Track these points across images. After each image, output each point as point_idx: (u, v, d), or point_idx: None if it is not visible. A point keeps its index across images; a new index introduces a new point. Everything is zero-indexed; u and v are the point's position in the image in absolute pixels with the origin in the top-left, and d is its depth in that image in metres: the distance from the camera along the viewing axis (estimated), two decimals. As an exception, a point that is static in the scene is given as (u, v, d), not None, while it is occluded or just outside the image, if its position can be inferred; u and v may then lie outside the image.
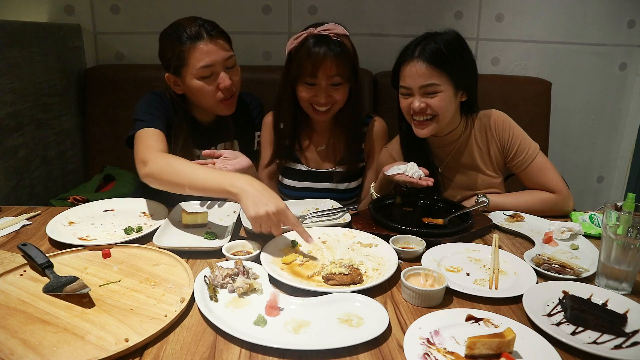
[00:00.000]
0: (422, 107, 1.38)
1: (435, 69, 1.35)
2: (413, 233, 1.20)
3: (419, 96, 1.38)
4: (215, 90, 1.45)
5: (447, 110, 1.40)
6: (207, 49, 1.41)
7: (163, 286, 0.98)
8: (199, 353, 0.80)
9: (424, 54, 1.35)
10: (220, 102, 1.48)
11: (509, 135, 1.49)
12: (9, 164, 1.73)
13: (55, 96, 2.01)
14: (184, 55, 1.41)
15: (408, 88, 1.39)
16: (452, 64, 1.36)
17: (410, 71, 1.37)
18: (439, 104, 1.37)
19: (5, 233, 1.25)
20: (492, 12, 2.31)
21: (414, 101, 1.39)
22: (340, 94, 1.48)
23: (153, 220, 1.32)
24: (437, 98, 1.37)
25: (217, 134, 1.62)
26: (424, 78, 1.35)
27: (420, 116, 1.41)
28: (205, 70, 1.42)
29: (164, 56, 1.47)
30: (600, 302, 0.94)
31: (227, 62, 1.45)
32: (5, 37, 1.70)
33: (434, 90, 1.36)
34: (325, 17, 1.50)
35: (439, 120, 1.40)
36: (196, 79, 1.43)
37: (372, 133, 1.65)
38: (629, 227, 0.97)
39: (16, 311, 0.89)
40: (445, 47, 1.35)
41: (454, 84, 1.38)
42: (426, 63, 1.34)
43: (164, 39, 1.47)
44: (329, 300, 0.93)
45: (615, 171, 2.63)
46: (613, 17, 2.34)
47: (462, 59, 1.39)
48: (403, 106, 1.44)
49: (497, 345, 0.77)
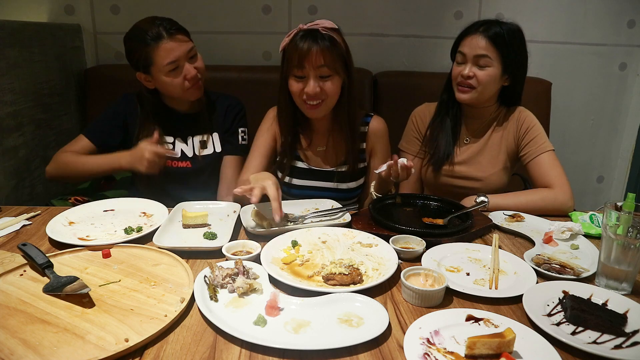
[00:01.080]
0: (469, 75, 1.53)
1: (492, 45, 1.50)
2: (413, 233, 1.20)
3: (471, 65, 1.53)
4: (182, 82, 1.58)
5: (490, 85, 1.54)
6: (169, 46, 1.53)
7: (163, 286, 0.98)
8: (199, 353, 0.80)
9: (488, 31, 1.51)
10: (189, 89, 1.61)
11: (528, 126, 1.60)
12: (9, 164, 1.73)
13: (55, 96, 2.01)
14: (149, 56, 1.54)
15: (464, 55, 1.54)
16: (508, 48, 1.51)
17: (471, 42, 1.53)
18: (485, 77, 1.52)
19: (5, 233, 1.25)
20: (492, 12, 2.31)
21: (465, 68, 1.54)
22: (330, 87, 1.47)
23: (153, 220, 1.32)
24: (485, 71, 1.52)
25: (195, 126, 1.72)
26: (481, 49, 1.51)
27: (464, 83, 1.55)
28: (171, 65, 1.54)
29: (132, 58, 1.59)
30: (600, 302, 0.94)
31: (189, 54, 1.58)
32: (5, 37, 1.70)
33: (485, 63, 1.51)
34: (325, 17, 1.50)
35: (479, 91, 1.54)
36: (164, 75, 1.56)
37: (373, 132, 1.65)
38: (629, 227, 0.97)
39: (16, 311, 0.89)
40: (507, 33, 1.51)
41: (503, 65, 1.52)
42: (486, 38, 1.50)
43: (128, 43, 1.58)
44: (329, 300, 0.93)
45: (615, 171, 2.63)
46: (613, 17, 2.34)
47: (517, 49, 1.53)
48: (454, 73, 1.59)
49: (497, 345, 0.77)
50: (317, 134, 1.65)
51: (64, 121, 2.08)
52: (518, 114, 1.64)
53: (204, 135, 1.73)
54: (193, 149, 1.72)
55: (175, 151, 1.69)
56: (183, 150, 1.71)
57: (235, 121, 1.76)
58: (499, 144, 1.64)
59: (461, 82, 1.56)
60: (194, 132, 1.73)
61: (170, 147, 1.70)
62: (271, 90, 1.63)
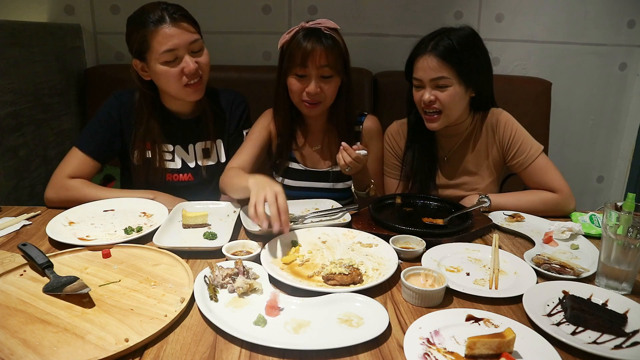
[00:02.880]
0: (431, 100, 1.43)
1: (445, 64, 1.39)
2: (413, 233, 1.20)
3: (430, 89, 1.43)
4: (179, 75, 1.43)
5: (455, 105, 1.45)
6: (169, 32, 1.39)
7: (163, 286, 0.98)
8: (199, 353, 0.80)
9: (437, 48, 1.40)
10: (186, 87, 1.46)
11: (510, 134, 1.51)
12: (9, 164, 1.73)
13: (55, 96, 2.01)
14: (146, 40, 1.40)
15: (420, 80, 1.45)
16: (463, 60, 1.40)
17: (423, 64, 1.42)
18: (448, 99, 1.42)
19: (5, 233, 1.25)
20: (492, 12, 2.31)
21: (425, 93, 1.44)
22: (328, 89, 1.47)
23: (153, 220, 1.32)
24: (446, 92, 1.42)
25: (196, 131, 1.60)
26: (435, 71, 1.40)
27: (428, 108, 1.45)
28: (169, 54, 1.40)
29: (129, 40, 1.46)
30: (600, 302, 0.94)
31: (192, 46, 1.43)
32: (5, 37, 1.70)
33: (444, 84, 1.41)
34: (325, 17, 1.50)
35: (447, 114, 1.45)
36: (160, 64, 1.42)
37: (367, 132, 1.65)
38: (629, 227, 0.97)
39: (16, 311, 0.89)
40: (457, 44, 1.40)
41: (464, 80, 1.42)
42: (437, 58, 1.40)
43: (129, 25, 1.46)
44: (329, 300, 0.93)
45: (615, 171, 2.63)
46: (613, 17, 2.34)
47: (474, 56, 1.44)
48: (415, 98, 1.49)
49: (497, 345, 0.77)
50: (313, 133, 1.65)
51: (64, 121, 2.08)
52: (495, 119, 1.53)
53: (207, 142, 1.61)
54: (195, 158, 1.60)
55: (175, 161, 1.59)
56: (184, 160, 1.60)
57: (240, 122, 1.68)
58: (483, 158, 1.56)
59: (425, 108, 1.46)
60: (196, 138, 1.60)
61: (169, 156, 1.59)
62: (271, 90, 1.63)
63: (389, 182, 1.68)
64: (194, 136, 1.61)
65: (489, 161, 1.56)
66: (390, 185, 1.67)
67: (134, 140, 1.55)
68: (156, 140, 1.55)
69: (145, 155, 1.56)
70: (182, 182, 1.60)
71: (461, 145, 1.57)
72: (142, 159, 1.56)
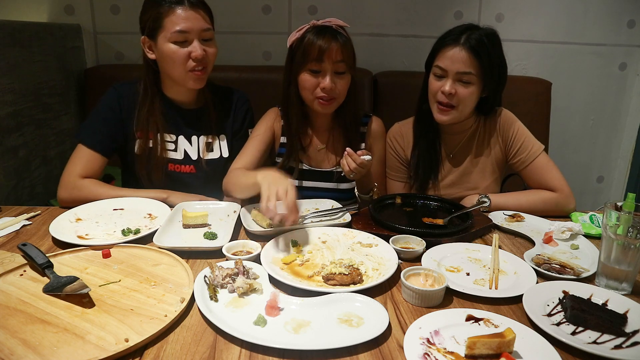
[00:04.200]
0: (451, 92, 1.41)
1: (475, 60, 1.38)
2: (413, 233, 1.20)
3: (452, 81, 1.41)
4: (186, 58, 1.44)
5: (470, 102, 1.45)
6: (185, 15, 1.41)
7: (163, 286, 0.98)
8: (199, 353, 0.80)
9: (469, 42, 1.38)
10: (191, 72, 1.47)
11: (512, 133, 1.52)
12: (9, 164, 1.73)
13: (55, 96, 2.01)
14: (161, 17, 1.42)
15: (444, 70, 1.42)
16: (492, 60, 1.40)
17: (452, 55, 1.40)
18: (467, 95, 1.42)
19: (5, 233, 1.25)
20: (492, 12, 2.31)
21: (446, 84, 1.41)
22: (343, 84, 1.48)
23: (155, 223, 1.30)
24: (467, 89, 1.41)
25: (199, 124, 1.61)
26: (464, 65, 1.39)
27: (444, 100, 1.43)
28: (180, 35, 1.42)
29: (143, 17, 1.48)
30: (600, 302, 0.94)
31: (203, 34, 1.46)
32: (5, 37, 1.70)
33: (467, 80, 1.40)
34: (325, 17, 1.50)
35: (460, 110, 1.45)
36: (169, 42, 1.43)
37: (371, 133, 1.65)
38: (629, 227, 0.97)
39: (16, 311, 0.89)
40: (488, 42, 1.40)
41: (486, 79, 1.42)
42: (469, 51, 1.38)
43: (146, 3, 1.48)
44: (329, 300, 0.93)
45: (615, 171, 2.63)
46: (613, 17, 2.34)
47: (498, 58, 1.44)
48: (432, 87, 1.46)
49: (497, 345, 0.77)
50: (318, 132, 1.65)
51: (64, 121, 2.08)
52: (498, 117, 1.54)
53: (209, 136, 1.62)
54: (198, 150, 1.61)
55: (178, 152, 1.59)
56: (187, 150, 1.60)
57: (245, 121, 1.68)
58: (486, 157, 1.57)
59: (441, 100, 1.44)
60: (199, 131, 1.61)
61: (172, 146, 1.59)
62: (271, 90, 1.63)
63: (392, 185, 1.68)
64: (197, 129, 1.61)
65: (492, 159, 1.57)
66: (393, 188, 1.67)
67: (137, 129, 1.54)
68: (158, 128, 1.55)
69: (148, 145, 1.56)
70: (183, 173, 1.60)
71: (465, 143, 1.58)
72: (144, 147, 1.55)
